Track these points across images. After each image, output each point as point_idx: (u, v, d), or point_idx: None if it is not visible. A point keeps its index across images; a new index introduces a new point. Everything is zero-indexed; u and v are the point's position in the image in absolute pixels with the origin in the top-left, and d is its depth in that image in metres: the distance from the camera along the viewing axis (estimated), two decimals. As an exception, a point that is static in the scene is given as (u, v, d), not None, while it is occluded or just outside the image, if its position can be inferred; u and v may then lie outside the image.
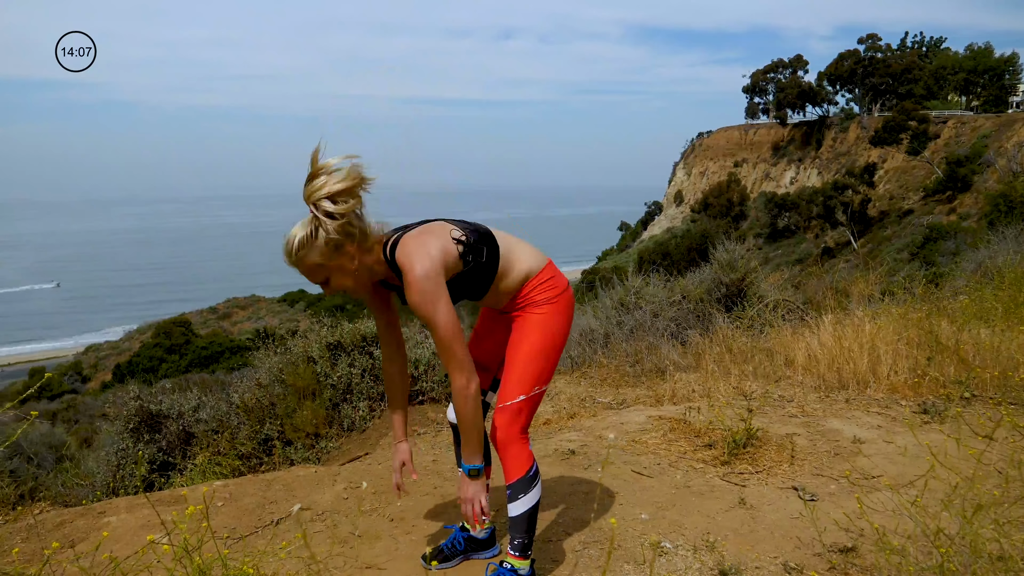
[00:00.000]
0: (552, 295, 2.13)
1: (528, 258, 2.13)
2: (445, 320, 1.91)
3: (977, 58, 56.70)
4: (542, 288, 2.12)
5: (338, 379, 4.72)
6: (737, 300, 6.63)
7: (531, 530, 2.12)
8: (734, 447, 3.27)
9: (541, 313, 2.11)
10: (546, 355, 2.10)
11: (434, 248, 1.95)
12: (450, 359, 1.95)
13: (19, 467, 6.28)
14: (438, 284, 1.92)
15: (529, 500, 2.09)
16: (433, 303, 1.91)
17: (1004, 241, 8.98)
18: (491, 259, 2.06)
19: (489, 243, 2.06)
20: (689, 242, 40.38)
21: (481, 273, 2.06)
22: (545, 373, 2.11)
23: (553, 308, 2.12)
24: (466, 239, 2.01)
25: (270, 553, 2.25)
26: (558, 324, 2.13)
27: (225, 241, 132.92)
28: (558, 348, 2.15)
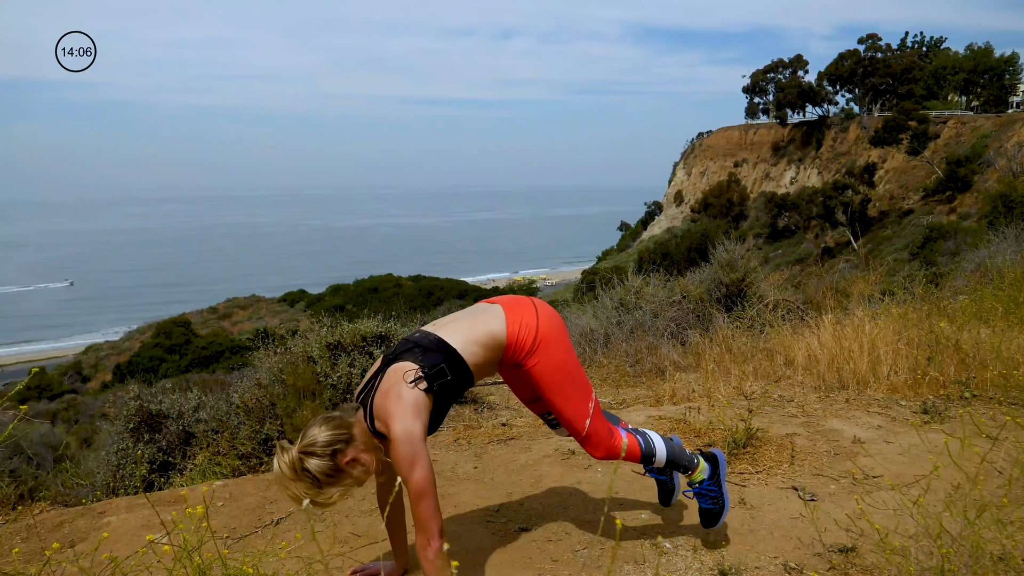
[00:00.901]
0: (531, 343, 2.13)
1: (487, 331, 2.11)
2: (419, 478, 1.92)
3: (977, 58, 56.69)
4: (519, 346, 2.13)
5: (338, 379, 4.72)
6: (737, 300, 6.63)
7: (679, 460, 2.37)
8: (734, 447, 3.27)
9: (536, 361, 2.14)
10: (570, 382, 2.17)
11: (404, 405, 1.96)
12: (417, 517, 1.95)
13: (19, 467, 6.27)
14: (416, 444, 1.94)
15: (660, 456, 2.33)
16: (410, 465, 1.92)
17: (1004, 241, 8.98)
18: (456, 368, 2.06)
19: (446, 355, 2.05)
20: (689, 242, 40.37)
21: (457, 380, 2.07)
22: (580, 392, 2.18)
23: (541, 350, 2.14)
24: (424, 373, 2.01)
25: (270, 553, 2.25)
26: (556, 355, 2.15)
27: (225, 241, 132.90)
28: (573, 369, 2.19)
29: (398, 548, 2.33)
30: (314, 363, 4.78)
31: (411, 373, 2.00)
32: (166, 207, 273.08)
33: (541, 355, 2.13)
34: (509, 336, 2.12)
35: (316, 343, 4.88)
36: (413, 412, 1.96)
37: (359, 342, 4.89)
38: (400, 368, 2.03)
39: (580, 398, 2.17)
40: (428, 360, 2.03)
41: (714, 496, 2.38)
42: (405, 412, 1.95)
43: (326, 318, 5.19)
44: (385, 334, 4.99)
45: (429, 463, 1.96)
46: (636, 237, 79.92)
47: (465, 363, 2.07)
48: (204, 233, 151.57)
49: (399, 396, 1.98)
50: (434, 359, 2.03)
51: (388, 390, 2.00)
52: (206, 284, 76.73)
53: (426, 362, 2.02)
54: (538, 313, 2.16)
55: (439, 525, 1.95)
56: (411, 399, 1.98)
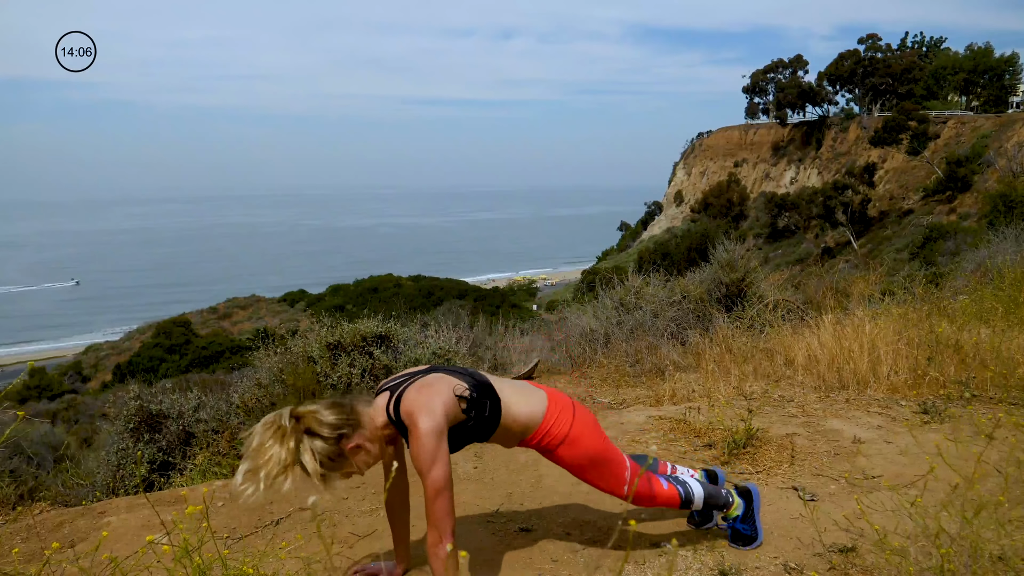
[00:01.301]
0: (559, 437, 2.17)
1: (529, 410, 2.16)
2: (437, 476, 1.93)
3: (977, 58, 56.69)
4: (549, 436, 2.17)
5: (338, 379, 4.72)
6: (737, 300, 6.63)
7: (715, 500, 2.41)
8: (734, 447, 3.28)
9: (564, 452, 2.18)
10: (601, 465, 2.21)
11: (438, 404, 1.98)
12: (431, 514, 1.96)
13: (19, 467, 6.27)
14: (440, 440, 1.95)
15: (697, 500, 2.37)
16: (431, 461, 1.93)
17: (1004, 241, 8.98)
18: (493, 412, 2.10)
19: (491, 396, 2.10)
20: (689, 242, 40.38)
21: (484, 425, 2.10)
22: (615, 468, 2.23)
23: (567, 444, 2.18)
24: (469, 395, 2.04)
25: (270, 553, 2.25)
26: (584, 446, 2.19)
27: (225, 241, 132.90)
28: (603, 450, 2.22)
29: (400, 545, 2.32)
30: (314, 363, 4.78)
31: (461, 387, 2.04)
32: (166, 207, 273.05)
33: (568, 447, 2.18)
34: (543, 424, 2.17)
35: (316, 343, 4.88)
36: (444, 414, 1.98)
37: (359, 342, 4.89)
38: (451, 379, 2.07)
39: (614, 473, 2.23)
40: (478, 389, 2.08)
41: (748, 533, 2.45)
42: (438, 411, 1.97)
43: (326, 318, 5.19)
44: (385, 334, 4.99)
45: (449, 463, 1.97)
46: (636, 237, 79.94)
47: (500, 417, 2.12)
48: (204, 233, 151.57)
49: (439, 393, 2.00)
50: (482, 392, 2.08)
51: (428, 387, 2.02)
52: (206, 284, 76.73)
53: (475, 390, 2.07)
54: (575, 415, 2.22)
55: (452, 525, 1.97)
56: (448, 403, 2.00)
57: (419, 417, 1.94)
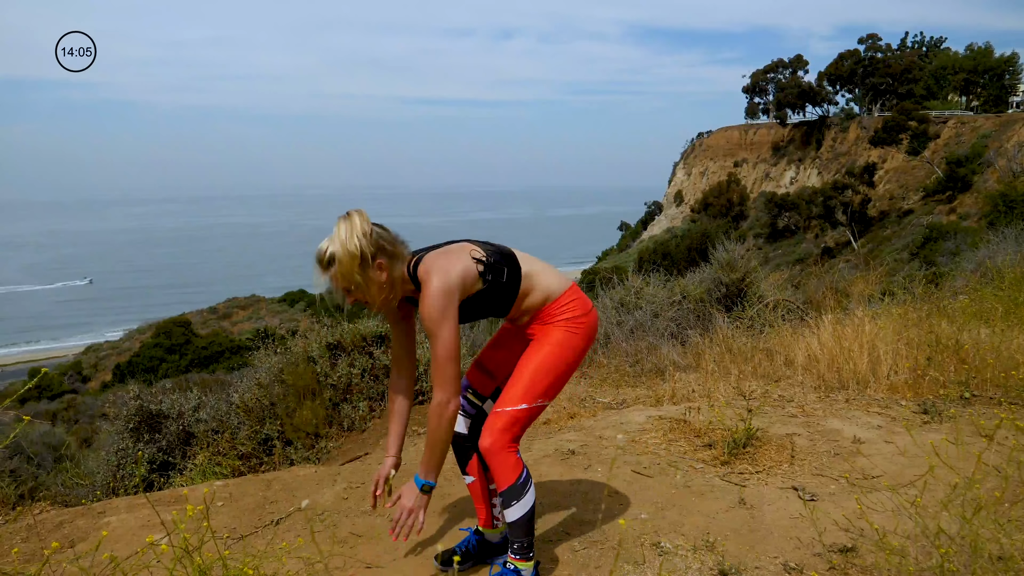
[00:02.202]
0: (572, 315, 2.17)
1: (551, 280, 2.18)
2: (447, 337, 1.97)
3: (977, 58, 56.68)
4: (564, 309, 2.17)
5: (338, 379, 4.72)
6: (737, 300, 6.63)
7: (530, 533, 2.14)
8: (734, 447, 3.28)
9: (561, 331, 2.15)
10: (557, 372, 2.14)
11: (454, 266, 2.02)
12: (440, 375, 2.00)
13: (19, 467, 6.28)
14: (451, 301, 1.99)
15: (524, 505, 2.11)
16: (441, 318, 1.97)
17: (1004, 241, 8.99)
18: (512, 279, 2.12)
19: (510, 264, 2.12)
20: (689, 242, 40.37)
21: (502, 292, 2.12)
22: (552, 389, 2.15)
23: (572, 327, 2.16)
24: (486, 259, 2.08)
25: (270, 553, 2.25)
26: (574, 344, 2.16)
27: (225, 241, 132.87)
28: (570, 368, 2.17)
29: (394, 439, 2.31)
30: (314, 363, 4.78)
31: (478, 252, 2.09)
32: (166, 207, 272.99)
33: (567, 330, 2.15)
34: (564, 296, 2.17)
35: (316, 343, 4.89)
36: (460, 277, 2.02)
37: (359, 342, 4.89)
38: (468, 245, 2.12)
39: (547, 387, 2.12)
40: (495, 256, 2.11)
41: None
42: (454, 272, 2.01)
43: (326, 318, 5.19)
44: (385, 334, 4.99)
45: (458, 326, 2.00)
46: (636, 237, 79.93)
47: (519, 284, 2.13)
48: (204, 233, 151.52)
49: (456, 258, 2.05)
50: (500, 259, 2.11)
51: (446, 252, 2.08)
52: (206, 284, 76.74)
53: (492, 256, 2.10)
54: (590, 309, 2.22)
55: (459, 388, 2.03)
56: (464, 267, 2.04)
57: (432, 275, 2.00)
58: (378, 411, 4.73)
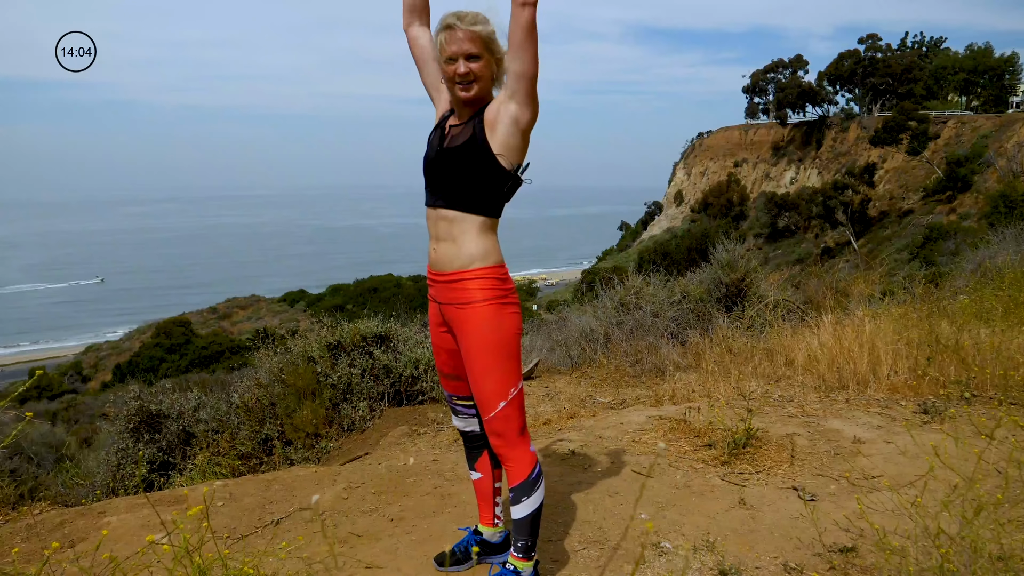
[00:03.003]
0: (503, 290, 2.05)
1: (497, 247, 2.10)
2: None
3: (977, 58, 56.71)
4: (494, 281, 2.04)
5: (338, 379, 4.72)
6: (737, 300, 6.63)
7: (535, 533, 2.12)
8: (734, 447, 3.27)
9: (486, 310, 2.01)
10: (507, 355, 2.03)
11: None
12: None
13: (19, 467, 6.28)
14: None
15: (533, 503, 2.08)
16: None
17: (1004, 241, 8.99)
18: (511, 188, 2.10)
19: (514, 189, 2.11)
20: (689, 242, 40.38)
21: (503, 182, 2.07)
22: (514, 373, 2.05)
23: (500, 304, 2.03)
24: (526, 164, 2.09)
25: (270, 553, 2.25)
26: (509, 320, 2.04)
27: (225, 241, 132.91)
28: (517, 344, 2.07)
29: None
30: (314, 363, 4.78)
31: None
32: (166, 207, 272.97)
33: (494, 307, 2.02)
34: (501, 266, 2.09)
35: (316, 343, 4.88)
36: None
37: (359, 342, 4.89)
38: None
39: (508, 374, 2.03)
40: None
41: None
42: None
43: (326, 318, 5.19)
44: (385, 334, 4.99)
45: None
46: (636, 237, 79.95)
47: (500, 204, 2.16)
48: (204, 233, 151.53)
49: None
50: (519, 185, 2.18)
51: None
52: (206, 284, 76.78)
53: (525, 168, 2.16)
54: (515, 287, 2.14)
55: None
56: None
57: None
58: (378, 411, 4.73)
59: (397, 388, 4.80)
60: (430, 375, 4.91)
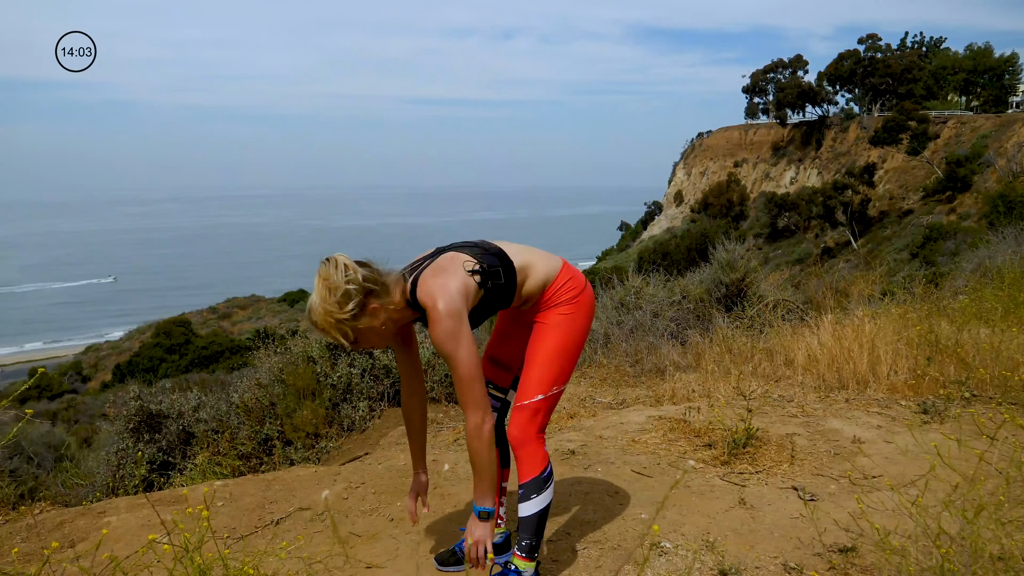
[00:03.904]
0: (571, 296, 2.17)
1: (543, 265, 2.17)
2: (466, 358, 1.94)
3: (977, 58, 56.69)
4: (561, 291, 2.17)
5: (338, 379, 4.72)
6: (737, 300, 6.63)
7: (540, 532, 2.14)
8: (734, 447, 3.28)
9: (561, 314, 2.15)
10: (565, 355, 2.14)
11: (454, 284, 1.99)
12: (467, 397, 1.96)
13: (19, 467, 6.28)
14: (461, 321, 1.95)
15: (541, 501, 2.11)
16: (455, 341, 1.94)
17: (1004, 241, 8.99)
18: (509, 278, 2.11)
19: (504, 263, 2.10)
20: (689, 242, 40.38)
21: (502, 292, 2.11)
22: (564, 373, 2.15)
23: (573, 308, 2.16)
24: (481, 268, 2.05)
25: (270, 553, 2.25)
26: (577, 324, 2.17)
27: (225, 241, 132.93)
28: (578, 348, 2.18)
29: (416, 457, 2.32)
30: (314, 363, 4.78)
31: (470, 263, 2.04)
32: (166, 207, 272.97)
33: (568, 312, 2.15)
34: (559, 278, 2.17)
35: (316, 343, 4.88)
36: (462, 293, 1.98)
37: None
38: (458, 256, 2.07)
39: (558, 372, 2.14)
40: (487, 259, 2.08)
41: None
42: (455, 291, 1.97)
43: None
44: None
45: (474, 343, 1.97)
46: (636, 237, 79.93)
47: (516, 279, 2.11)
48: (204, 233, 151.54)
49: (453, 275, 2.01)
50: (493, 260, 2.08)
51: (440, 269, 2.03)
52: (206, 284, 76.79)
53: (485, 260, 2.07)
54: (584, 285, 2.22)
55: (488, 403, 1.99)
56: (462, 282, 2.00)
57: (437, 299, 1.95)
58: (378, 411, 4.73)
59: (397, 388, 4.80)
60: (430, 375, 4.91)
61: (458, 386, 1.97)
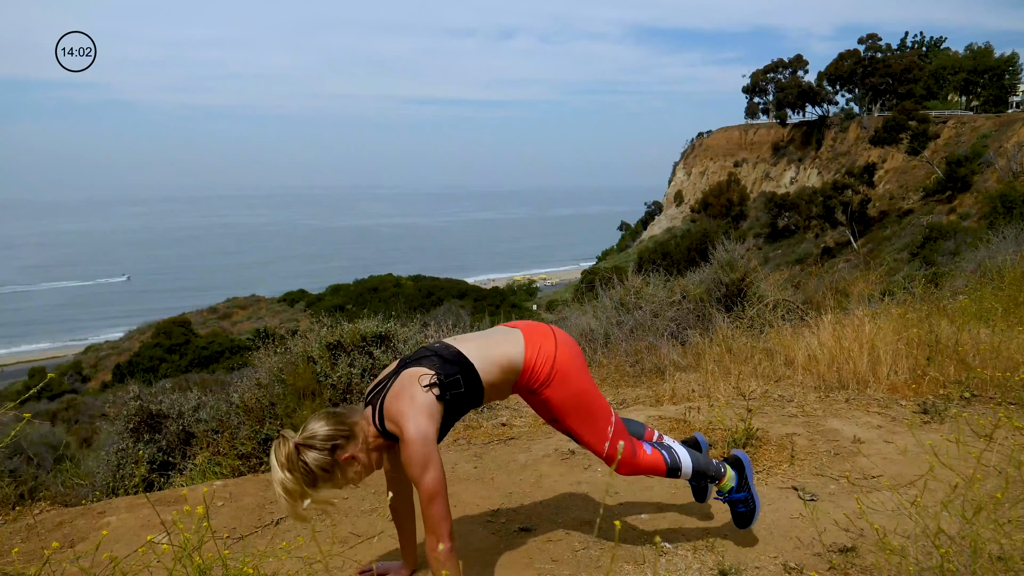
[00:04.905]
0: (548, 372, 2.13)
1: (507, 353, 2.13)
2: (431, 484, 1.95)
3: (977, 58, 56.67)
4: (535, 374, 2.14)
5: (338, 379, 4.72)
6: (737, 300, 6.63)
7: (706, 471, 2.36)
8: (734, 447, 3.27)
9: (551, 389, 2.14)
10: (587, 409, 2.17)
11: (415, 407, 1.98)
12: (427, 519, 1.97)
13: (19, 467, 6.28)
14: (429, 445, 1.96)
15: (686, 469, 2.32)
16: (423, 467, 1.95)
17: (1004, 241, 8.99)
18: (470, 384, 2.08)
19: (465, 370, 2.07)
20: (689, 242, 40.37)
21: (468, 395, 2.09)
22: (599, 418, 2.18)
23: (557, 379, 2.14)
24: (439, 380, 2.03)
25: (270, 553, 2.25)
26: (573, 384, 2.15)
27: (225, 241, 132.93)
28: (591, 394, 2.18)
29: (406, 547, 2.33)
30: (314, 363, 4.78)
31: (426, 377, 2.03)
32: (166, 207, 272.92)
33: (557, 384, 2.14)
34: (527, 362, 2.13)
35: (316, 343, 4.88)
36: (426, 415, 1.98)
37: (359, 342, 4.89)
38: (415, 372, 2.06)
39: (598, 423, 2.18)
40: (445, 369, 2.06)
41: (743, 499, 2.39)
42: (418, 414, 1.97)
43: (326, 318, 5.19)
44: (385, 334, 4.99)
45: (441, 466, 1.98)
46: (636, 237, 79.93)
47: (480, 379, 2.09)
48: (204, 233, 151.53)
49: (412, 398, 2.00)
50: (451, 369, 2.06)
51: (400, 392, 2.03)
52: (206, 284, 76.81)
53: (443, 370, 2.05)
54: (556, 342, 2.17)
55: (449, 527, 1.98)
56: (424, 402, 2.00)
57: (404, 425, 1.96)
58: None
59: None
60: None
61: (421, 505, 1.97)
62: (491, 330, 2.26)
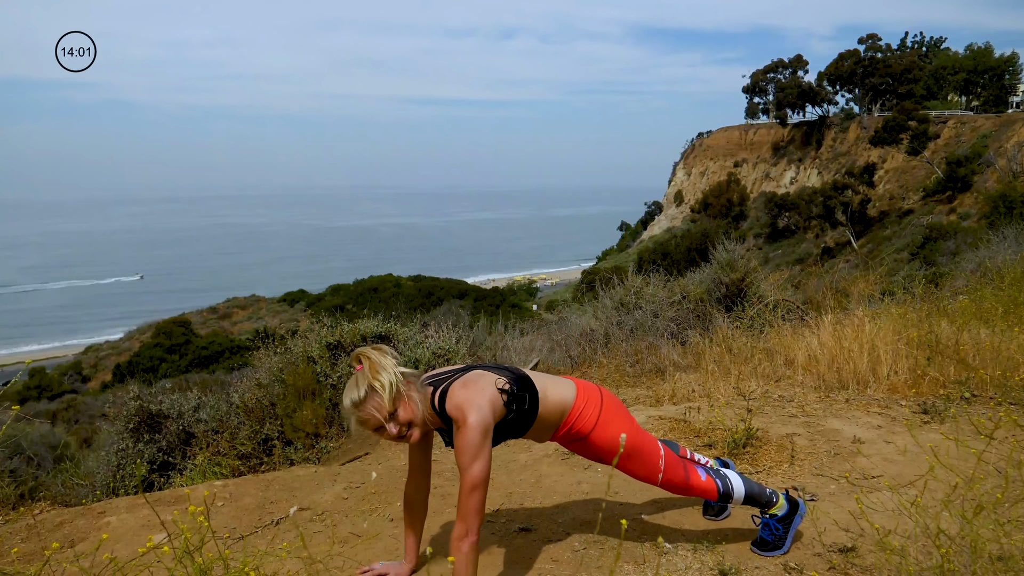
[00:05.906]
0: (592, 420, 2.23)
1: (562, 395, 2.24)
2: (477, 474, 2.00)
3: (977, 58, 56.68)
4: (580, 420, 2.23)
5: (338, 379, 4.72)
6: (737, 300, 6.63)
7: (757, 497, 2.39)
8: (734, 447, 3.28)
9: (597, 436, 2.23)
10: (635, 450, 2.25)
11: (485, 400, 2.05)
12: (463, 507, 2.00)
13: (19, 467, 6.28)
14: (485, 437, 2.02)
15: (738, 496, 2.37)
16: (475, 456, 1.99)
17: (1004, 241, 8.99)
18: (532, 404, 2.16)
19: (530, 389, 2.16)
20: (689, 242, 40.39)
21: (523, 417, 2.16)
22: (647, 453, 2.27)
23: (600, 427, 2.23)
24: (510, 389, 2.11)
25: (270, 553, 2.25)
26: (614, 428, 2.23)
27: (225, 241, 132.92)
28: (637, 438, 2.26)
29: (411, 545, 2.34)
30: (314, 363, 4.78)
31: (502, 381, 2.12)
32: (166, 207, 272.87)
33: (600, 432, 2.23)
34: (575, 407, 2.23)
35: (316, 343, 4.88)
36: (491, 410, 2.04)
37: (359, 342, 4.89)
38: (491, 375, 2.13)
39: (647, 460, 2.27)
40: (516, 384, 2.14)
41: (778, 536, 2.41)
42: (485, 405, 2.03)
43: (326, 318, 5.19)
44: (385, 334, 4.99)
45: (490, 460, 2.02)
46: (636, 237, 79.94)
47: (538, 407, 2.17)
48: (204, 233, 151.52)
49: (482, 390, 2.06)
50: (521, 385, 2.14)
51: (472, 383, 2.09)
52: (206, 284, 76.81)
53: (515, 384, 2.13)
54: (603, 395, 2.29)
55: (481, 521, 2.02)
56: (493, 398, 2.06)
57: (468, 412, 2.01)
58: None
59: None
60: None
61: (460, 493, 2.01)
62: (548, 374, 2.35)
